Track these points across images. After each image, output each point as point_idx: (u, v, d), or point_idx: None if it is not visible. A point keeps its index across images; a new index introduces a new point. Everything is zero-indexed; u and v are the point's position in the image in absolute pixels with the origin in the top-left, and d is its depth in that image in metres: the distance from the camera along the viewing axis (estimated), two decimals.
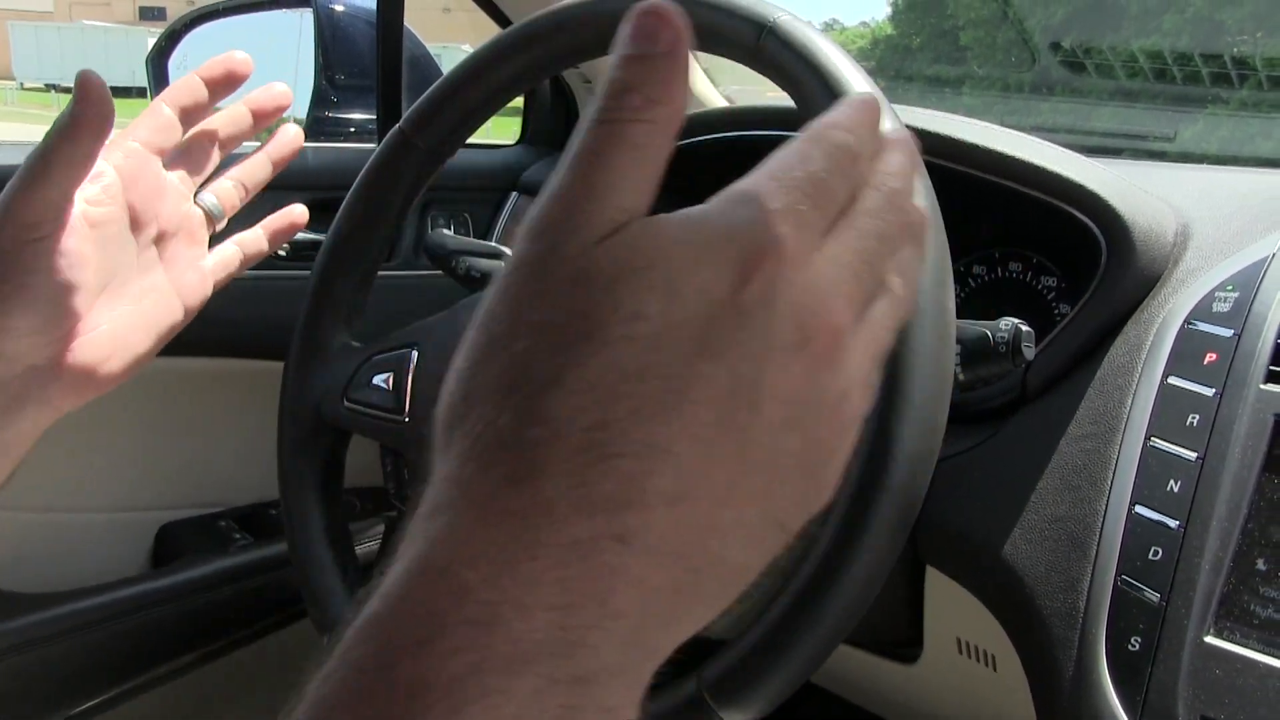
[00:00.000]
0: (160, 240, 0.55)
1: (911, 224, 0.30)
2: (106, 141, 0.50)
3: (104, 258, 0.51)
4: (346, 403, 0.64)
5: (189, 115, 0.56)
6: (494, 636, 0.21)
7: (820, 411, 0.26)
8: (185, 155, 0.57)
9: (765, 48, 0.51)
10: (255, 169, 0.60)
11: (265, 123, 0.60)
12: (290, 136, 0.61)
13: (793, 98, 0.52)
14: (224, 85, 0.57)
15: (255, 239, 0.60)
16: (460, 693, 0.21)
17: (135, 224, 0.53)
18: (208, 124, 0.58)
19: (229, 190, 0.59)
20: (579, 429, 0.23)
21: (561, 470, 0.23)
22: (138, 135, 0.53)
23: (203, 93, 0.56)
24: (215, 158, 0.59)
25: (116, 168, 0.52)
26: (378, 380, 0.63)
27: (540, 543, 0.22)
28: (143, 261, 0.54)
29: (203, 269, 0.57)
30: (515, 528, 0.22)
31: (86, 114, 0.46)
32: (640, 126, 0.25)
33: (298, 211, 0.62)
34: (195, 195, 0.58)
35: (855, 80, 0.49)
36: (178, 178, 0.56)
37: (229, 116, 0.59)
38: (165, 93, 0.55)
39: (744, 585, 0.27)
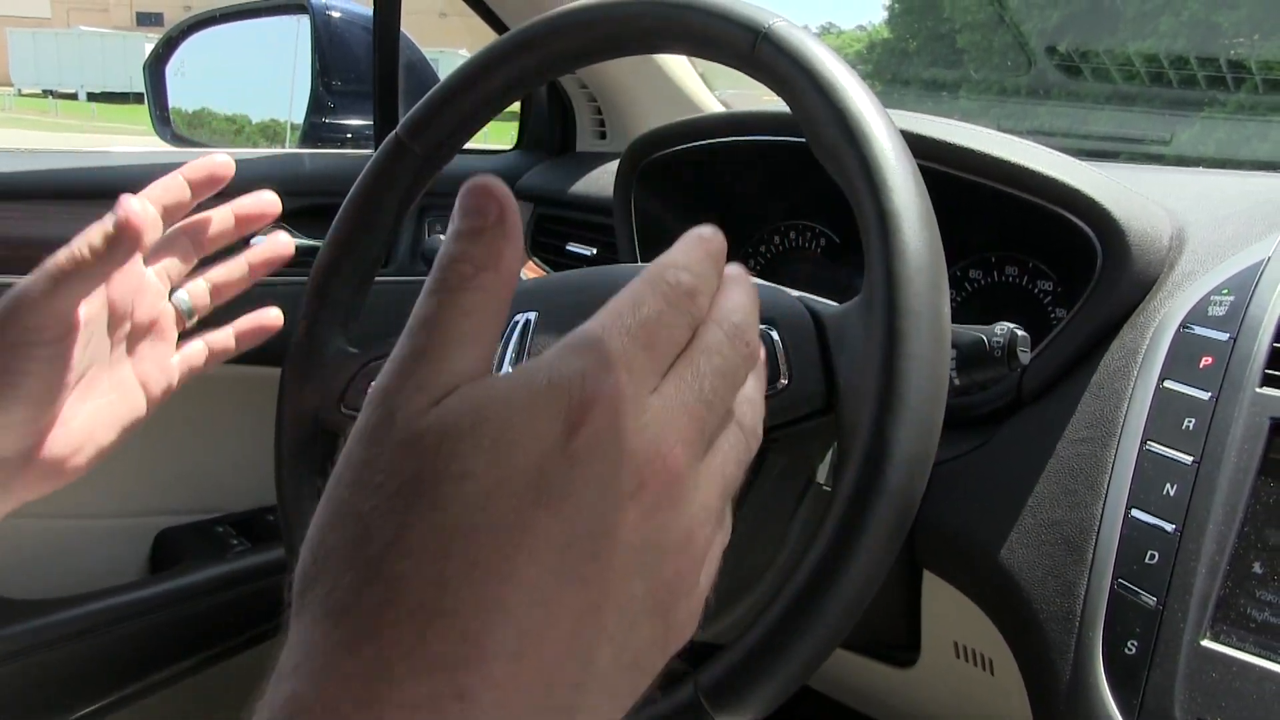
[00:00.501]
0: (131, 335, 0.55)
1: (752, 357, 0.31)
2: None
3: (83, 355, 0.51)
4: (343, 408, 0.64)
5: (171, 213, 0.55)
6: None
7: (664, 553, 0.27)
8: (164, 250, 0.57)
9: (760, 54, 0.51)
10: (233, 273, 0.60)
11: (249, 228, 0.60)
12: (277, 246, 0.61)
13: (788, 104, 0.52)
14: (206, 186, 0.57)
15: (224, 338, 0.61)
16: None
17: (112, 320, 0.53)
18: (191, 222, 0.58)
19: (202, 290, 0.59)
20: (415, 589, 0.23)
21: (399, 631, 0.23)
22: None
23: (185, 193, 0.56)
24: (193, 257, 0.59)
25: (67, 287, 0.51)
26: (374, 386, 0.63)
27: (381, 703, 0.22)
28: (114, 356, 0.54)
29: (169, 365, 0.57)
30: (356, 691, 0.23)
31: (122, 239, 0.48)
32: (470, 294, 0.27)
33: (271, 314, 0.62)
34: (170, 292, 0.58)
35: (850, 86, 0.49)
36: (154, 273, 0.56)
37: (214, 219, 0.59)
38: (149, 190, 0.54)
39: None
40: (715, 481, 0.29)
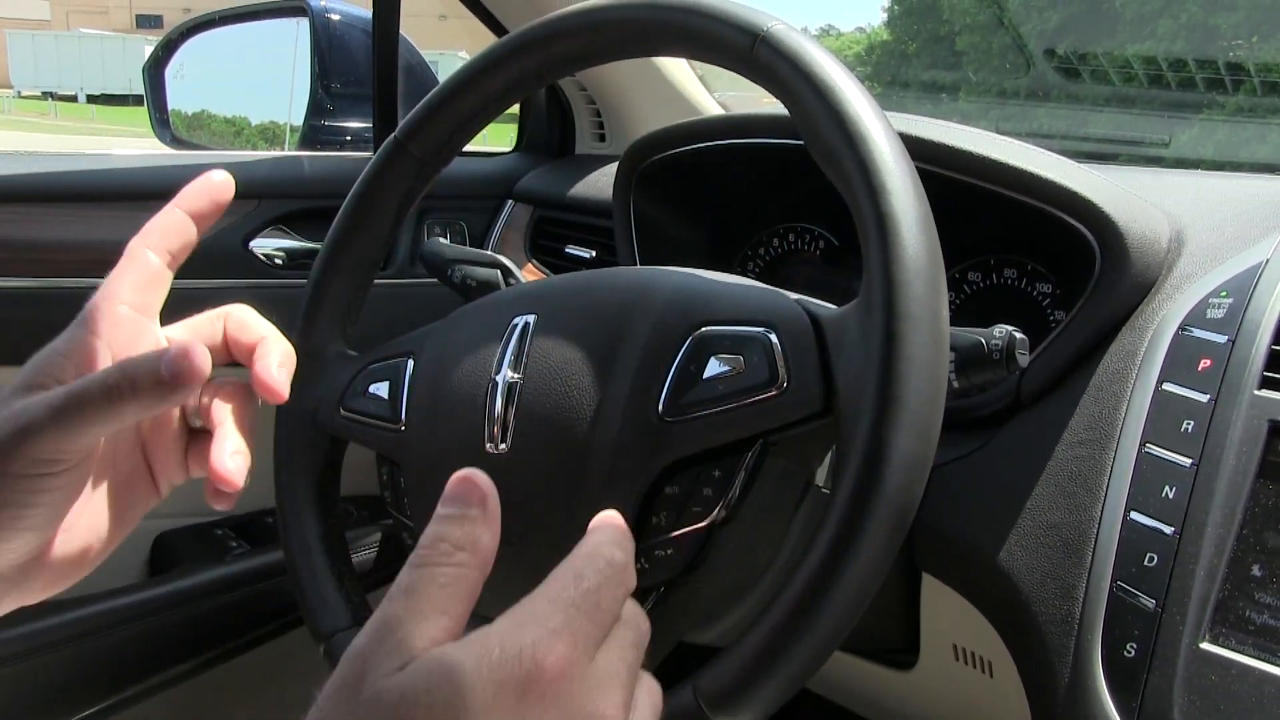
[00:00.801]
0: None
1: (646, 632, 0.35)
2: (91, 304, 0.45)
3: (98, 470, 0.45)
4: (342, 411, 0.64)
5: (176, 257, 0.48)
6: None
7: None
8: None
9: (758, 56, 0.51)
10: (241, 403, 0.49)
11: (210, 223, 0.50)
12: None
13: (786, 106, 0.52)
14: (211, 214, 0.49)
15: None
16: None
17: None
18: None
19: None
20: None
21: None
22: (124, 295, 0.45)
23: (188, 227, 0.48)
24: (169, 281, 0.49)
25: (109, 343, 0.44)
26: (374, 389, 0.63)
27: None
28: (125, 448, 0.48)
29: (175, 443, 0.49)
30: None
31: (177, 390, 0.40)
32: (448, 570, 0.31)
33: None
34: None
35: (848, 89, 0.49)
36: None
37: (181, 239, 0.49)
38: (149, 237, 0.47)
39: None
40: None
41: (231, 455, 0.45)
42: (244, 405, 0.48)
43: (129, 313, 0.46)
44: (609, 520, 0.36)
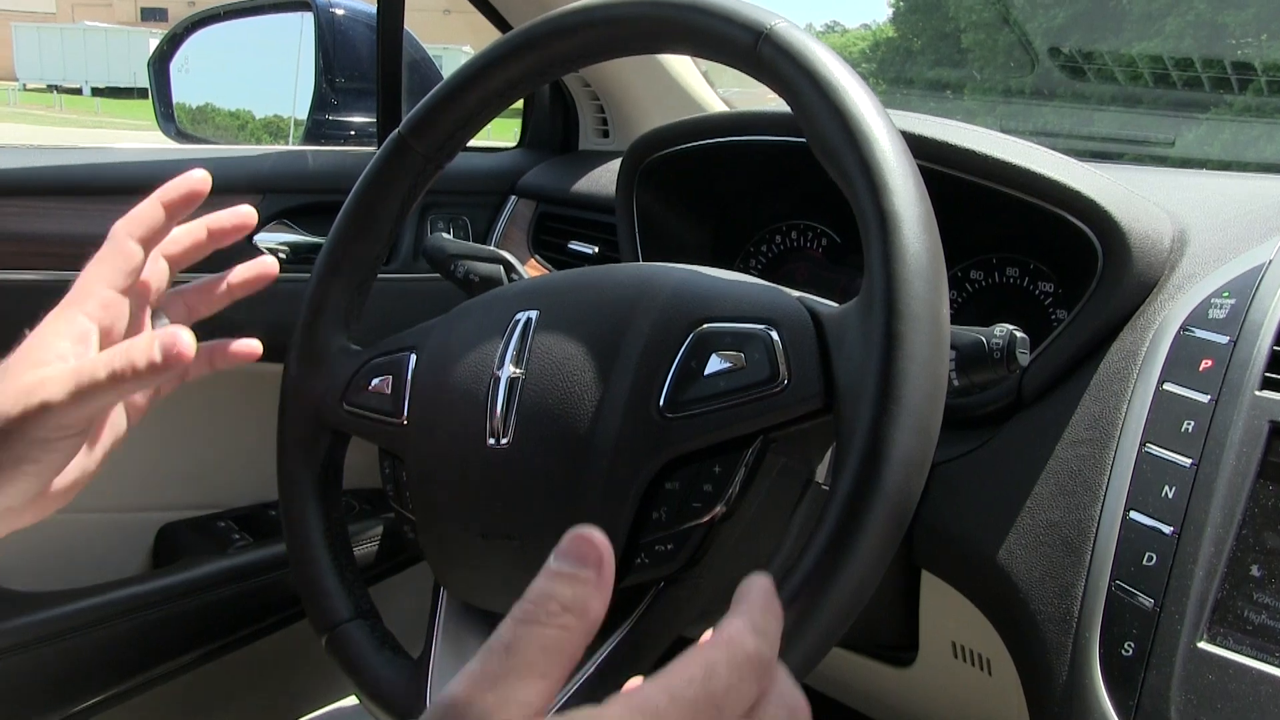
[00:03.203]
0: None
1: None
2: (80, 286, 0.52)
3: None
4: (345, 405, 0.64)
5: (149, 242, 0.55)
6: None
7: None
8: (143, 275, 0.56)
9: (761, 54, 0.51)
10: (211, 293, 0.60)
11: (223, 241, 0.59)
12: (261, 267, 0.60)
13: (789, 104, 0.52)
14: (184, 206, 0.56)
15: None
16: None
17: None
18: (165, 244, 0.57)
19: (182, 313, 0.59)
20: None
21: None
22: (107, 279, 0.53)
23: (160, 217, 0.55)
24: (169, 277, 0.58)
25: (95, 319, 0.52)
26: (376, 383, 0.64)
27: None
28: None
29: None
30: None
31: (168, 368, 0.47)
32: (553, 631, 0.29)
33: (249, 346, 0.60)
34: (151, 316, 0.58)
35: (850, 87, 0.49)
36: (136, 304, 0.56)
37: (186, 234, 0.58)
38: (125, 223, 0.54)
39: None
40: None
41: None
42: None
43: (113, 296, 0.53)
44: (757, 597, 0.32)
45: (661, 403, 0.52)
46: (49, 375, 0.49)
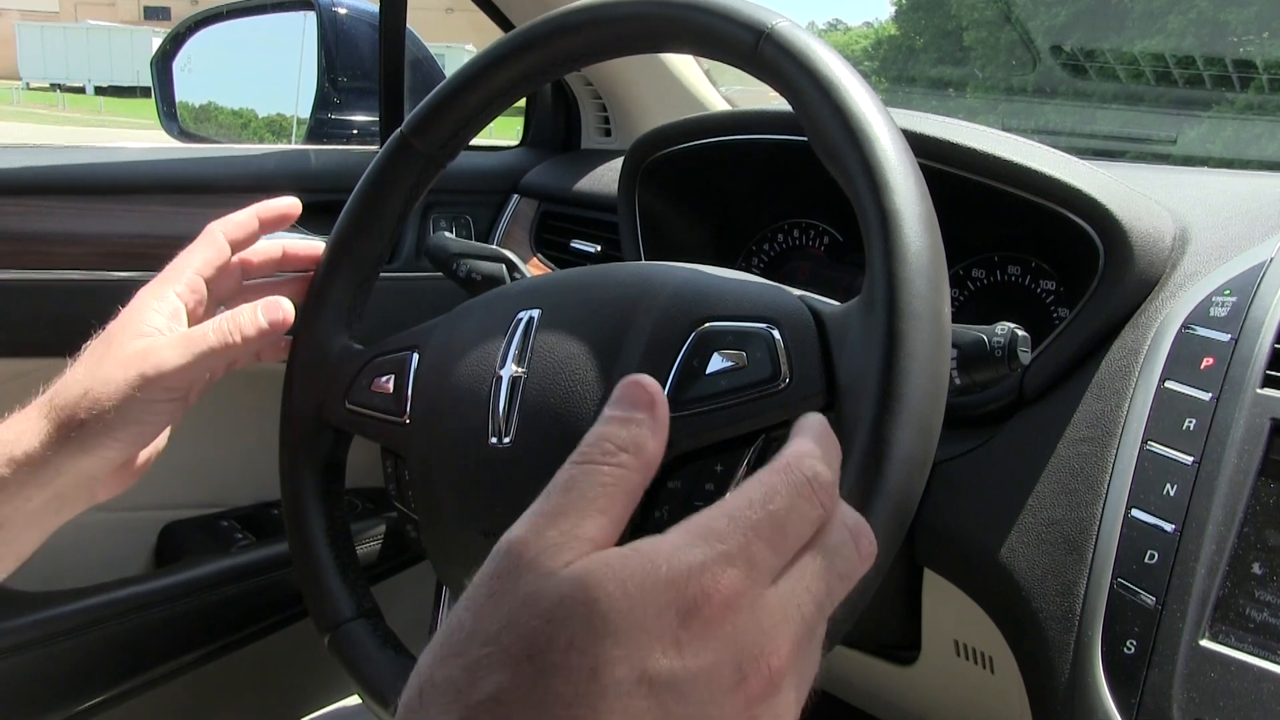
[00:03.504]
0: None
1: (869, 559, 0.31)
2: (173, 268, 0.60)
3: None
4: (348, 404, 0.65)
5: (236, 244, 0.63)
6: None
7: None
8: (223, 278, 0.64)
9: (763, 53, 0.51)
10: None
11: (271, 230, 0.66)
12: (286, 209, 0.67)
13: (790, 103, 0.52)
14: (275, 224, 0.65)
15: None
16: None
17: None
18: (246, 254, 0.65)
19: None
20: None
21: None
22: (198, 265, 0.60)
23: (254, 227, 0.64)
24: (240, 280, 0.66)
25: (183, 299, 0.59)
26: (379, 382, 0.64)
27: None
28: None
29: None
30: None
31: (272, 335, 0.59)
32: (610, 469, 0.29)
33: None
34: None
35: (851, 86, 0.49)
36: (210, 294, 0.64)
37: (262, 251, 0.66)
38: (221, 223, 0.63)
39: None
40: (807, 675, 0.30)
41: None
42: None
43: (198, 279, 0.60)
44: (816, 426, 0.32)
45: None
46: (159, 343, 0.56)
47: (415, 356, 0.63)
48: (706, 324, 0.53)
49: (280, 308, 0.58)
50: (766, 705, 0.27)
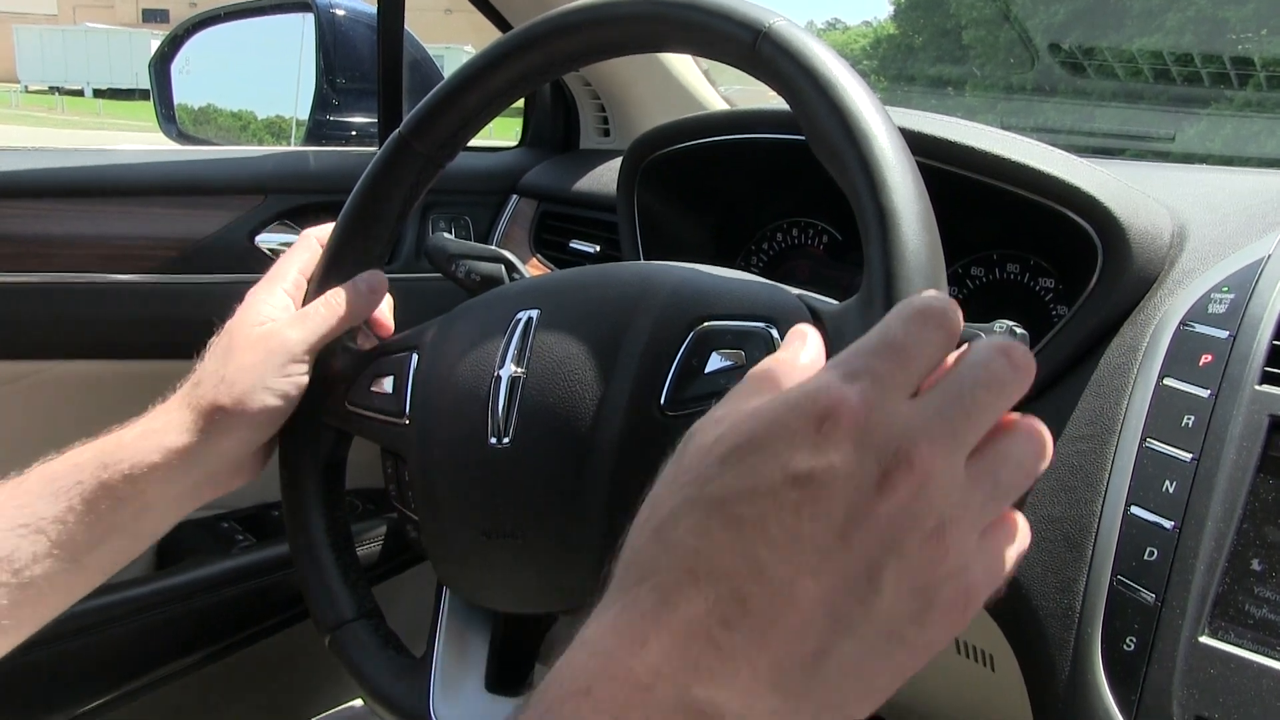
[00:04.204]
0: None
1: (1027, 369, 0.32)
2: (277, 269, 0.66)
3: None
4: (348, 405, 0.65)
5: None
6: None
7: (910, 537, 0.29)
8: None
9: (760, 53, 0.52)
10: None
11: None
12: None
13: (788, 102, 0.52)
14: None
15: None
16: None
17: None
18: None
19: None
20: (689, 553, 0.30)
21: (684, 589, 0.29)
22: (299, 265, 0.67)
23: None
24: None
25: (289, 293, 0.65)
26: (378, 383, 0.64)
27: (660, 626, 0.29)
28: None
29: None
30: (641, 620, 0.29)
31: (373, 300, 0.66)
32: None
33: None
34: None
35: (849, 85, 0.49)
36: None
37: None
38: (315, 229, 0.69)
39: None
40: (978, 489, 0.31)
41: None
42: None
43: (302, 278, 0.66)
44: (918, 301, 0.34)
45: (663, 401, 0.52)
46: (279, 324, 0.62)
47: (415, 357, 0.63)
48: (705, 323, 0.53)
49: (379, 277, 0.66)
50: (916, 504, 0.29)
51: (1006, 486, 0.32)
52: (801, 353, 0.39)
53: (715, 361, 0.51)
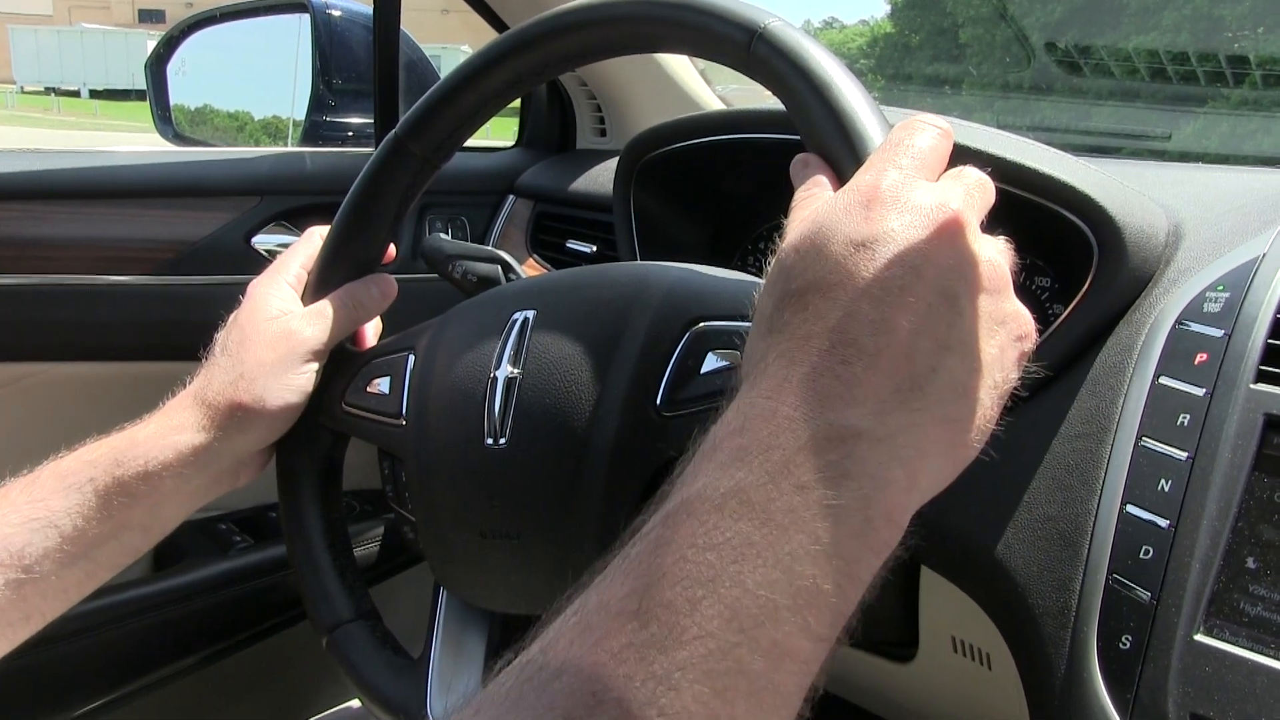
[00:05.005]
0: None
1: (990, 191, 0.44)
2: (280, 263, 0.67)
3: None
4: (344, 406, 0.65)
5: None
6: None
7: (971, 273, 0.39)
8: None
9: (756, 53, 0.52)
10: None
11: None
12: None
13: (783, 102, 0.52)
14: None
15: None
16: None
17: None
18: None
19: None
20: (801, 300, 0.38)
21: (806, 327, 0.37)
22: (300, 259, 0.68)
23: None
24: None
25: (292, 286, 0.66)
26: (375, 384, 0.64)
27: (787, 360, 0.36)
28: None
29: None
30: (807, 382, 0.36)
31: (384, 299, 0.68)
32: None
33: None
34: None
35: (844, 85, 0.49)
36: None
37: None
38: (319, 227, 0.69)
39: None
40: (991, 254, 0.41)
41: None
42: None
43: (304, 272, 0.67)
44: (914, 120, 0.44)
45: (659, 401, 0.52)
46: (293, 319, 0.63)
47: (411, 358, 0.63)
48: (701, 324, 0.53)
49: (388, 279, 0.68)
50: (966, 244, 0.39)
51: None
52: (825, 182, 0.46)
53: (711, 362, 0.52)
